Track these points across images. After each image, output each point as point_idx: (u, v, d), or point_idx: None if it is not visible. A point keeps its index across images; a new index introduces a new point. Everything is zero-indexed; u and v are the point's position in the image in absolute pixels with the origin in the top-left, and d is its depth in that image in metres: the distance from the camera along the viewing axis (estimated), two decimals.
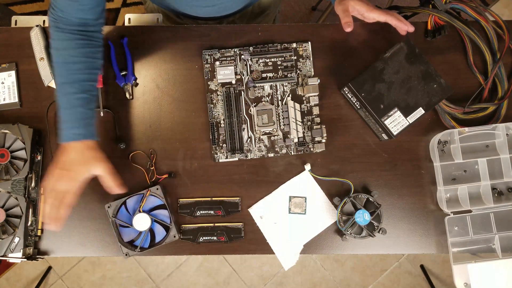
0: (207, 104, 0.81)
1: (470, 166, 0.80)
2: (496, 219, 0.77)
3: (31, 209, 0.75)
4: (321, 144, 0.78)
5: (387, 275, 1.72)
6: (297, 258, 0.79)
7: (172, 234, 0.76)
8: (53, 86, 0.81)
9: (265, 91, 0.81)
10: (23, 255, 0.74)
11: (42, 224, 0.77)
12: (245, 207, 0.80)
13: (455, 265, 0.75)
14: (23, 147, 0.75)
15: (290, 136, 0.80)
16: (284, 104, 0.80)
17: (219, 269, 1.72)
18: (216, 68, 0.81)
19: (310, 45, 0.82)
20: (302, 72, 0.81)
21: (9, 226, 0.71)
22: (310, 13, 1.79)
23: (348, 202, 0.76)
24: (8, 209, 0.73)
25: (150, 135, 0.81)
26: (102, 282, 1.72)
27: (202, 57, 0.81)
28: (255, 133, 0.80)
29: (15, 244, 0.70)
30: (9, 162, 0.73)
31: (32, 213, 0.76)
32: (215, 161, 0.80)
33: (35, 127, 0.78)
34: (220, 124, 0.80)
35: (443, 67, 0.81)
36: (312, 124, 0.80)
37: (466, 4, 0.77)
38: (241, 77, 0.81)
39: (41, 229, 0.77)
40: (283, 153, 0.80)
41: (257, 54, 0.81)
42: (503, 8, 1.80)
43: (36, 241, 0.77)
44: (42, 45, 0.81)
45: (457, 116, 0.79)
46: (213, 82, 0.81)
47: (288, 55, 0.81)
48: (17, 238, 0.70)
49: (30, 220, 0.75)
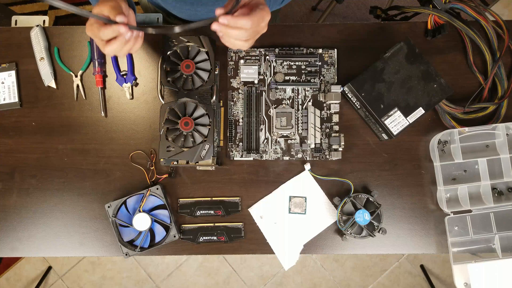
0: (228, 101, 0.81)
1: (470, 166, 0.80)
2: (496, 219, 0.77)
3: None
4: (337, 152, 0.77)
5: (387, 275, 1.72)
6: (297, 258, 0.79)
7: (172, 234, 0.76)
8: (53, 86, 0.81)
9: (287, 93, 0.81)
10: (212, 163, 0.74)
11: (222, 135, 0.79)
12: (245, 207, 0.80)
13: (455, 265, 0.75)
14: (206, 58, 0.73)
15: (307, 141, 0.79)
16: (304, 109, 0.80)
17: (219, 269, 1.72)
18: (240, 67, 0.81)
19: (336, 52, 0.81)
20: (325, 78, 0.81)
21: (198, 134, 0.71)
22: (310, 13, 1.79)
23: (348, 202, 0.76)
24: (196, 118, 0.72)
25: (150, 135, 0.81)
26: (102, 282, 1.72)
27: (227, 54, 0.82)
28: (272, 134, 0.80)
29: (205, 151, 0.70)
30: (194, 73, 0.72)
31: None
32: (230, 159, 0.80)
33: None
34: (239, 123, 0.80)
35: (443, 67, 0.81)
36: (331, 131, 0.80)
37: (466, 4, 0.77)
38: (264, 78, 0.81)
39: (222, 140, 0.79)
40: (298, 158, 0.80)
41: (282, 56, 0.81)
42: (503, 8, 1.80)
43: (218, 151, 0.79)
44: (42, 45, 0.81)
45: (457, 116, 0.79)
46: (236, 80, 0.81)
47: (313, 60, 0.81)
48: (207, 145, 0.70)
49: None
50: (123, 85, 0.81)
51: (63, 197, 0.80)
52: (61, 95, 0.82)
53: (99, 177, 0.81)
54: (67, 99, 0.82)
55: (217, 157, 0.77)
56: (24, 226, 0.80)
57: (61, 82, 0.82)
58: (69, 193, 0.80)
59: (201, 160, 0.71)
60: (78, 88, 0.82)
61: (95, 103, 0.82)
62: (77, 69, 0.82)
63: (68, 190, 0.80)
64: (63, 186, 0.81)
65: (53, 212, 0.80)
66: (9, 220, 0.80)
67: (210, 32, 0.81)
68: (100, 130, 0.81)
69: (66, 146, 0.81)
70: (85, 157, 0.81)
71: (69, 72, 0.82)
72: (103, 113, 0.81)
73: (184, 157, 0.71)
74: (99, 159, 0.81)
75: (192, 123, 0.70)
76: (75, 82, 0.82)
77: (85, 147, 0.81)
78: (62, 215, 0.80)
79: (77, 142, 0.81)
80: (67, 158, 0.81)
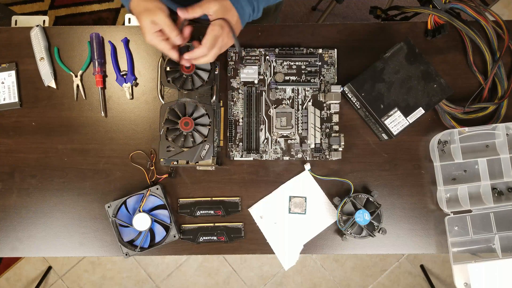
0: (228, 101, 0.81)
1: (470, 166, 0.79)
2: (496, 219, 0.77)
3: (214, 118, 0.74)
4: (337, 152, 0.77)
5: (387, 275, 1.72)
6: (297, 258, 0.79)
7: (172, 234, 0.76)
8: (53, 86, 0.81)
9: (287, 93, 0.81)
10: (212, 163, 0.74)
11: (222, 135, 0.79)
12: (245, 207, 0.80)
13: (455, 265, 0.75)
14: None
15: (307, 141, 0.79)
16: (304, 109, 0.80)
17: (219, 269, 1.72)
18: (240, 66, 0.81)
19: (336, 52, 0.81)
20: (325, 78, 0.81)
21: (198, 134, 0.71)
22: (310, 13, 1.79)
23: (348, 202, 0.76)
24: (196, 118, 0.72)
25: (150, 135, 0.81)
26: (102, 282, 1.72)
27: (227, 54, 0.82)
28: (272, 134, 0.80)
29: (205, 151, 0.70)
30: (194, 73, 0.72)
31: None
32: (230, 159, 0.80)
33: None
34: (239, 123, 0.80)
35: (443, 67, 0.81)
36: (331, 131, 0.80)
37: (466, 4, 0.77)
38: (264, 78, 0.81)
39: (222, 140, 0.79)
40: (298, 158, 0.80)
41: (282, 56, 0.81)
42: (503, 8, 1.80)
43: (218, 151, 0.79)
44: (42, 45, 0.81)
45: (457, 116, 0.79)
46: (236, 80, 0.81)
47: (313, 60, 0.81)
48: (207, 145, 0.70)
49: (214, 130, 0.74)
50: (123, 85, 0.81)
51: (63, 197, 0.80)
52: (61, 95, 0.82)
53: (99, 177, 0.81)
54: (67, 99, 0.82)
55: (217, 157, 0.77)
56: (24, 226, 0.80)
57: (61, 82, 0.82)
58: (69, 193, 0.80)
59: (201, 160, 0.71)
60: (78, 88, 0.82)
61: (95, 103, 0.82)
62: (77, 69, 0.82)
63: (68, 190, 0.80)
64: (63, 186, 0.81)
65: (53, 212, 0.80)
66: (9, 220, 0.80)
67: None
68: (100, 130, 0.81)
69: (66, 146, 0.81)
70: (85, 157, 0.81)
71: (69, 72, 0.82)
72: (103, 113, 0.81)
73: (184, 157, 0.71)
74: (99, 159, 0.81)
75: (192, 123, 0.70)
76: (75, 82, 0.82)
77: (85, 147, 0.81)
78: (62, 215, 0.80)
79: (77, 142, 0.81)
80: (67, 158, 0.81)
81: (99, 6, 1.79)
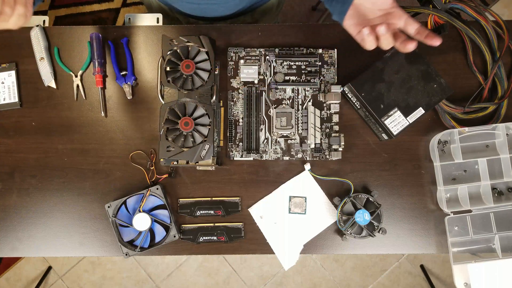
0: (228, 101, 0.81)
1: (470, 166, 0.80)
2: (496, 219, 0.77)
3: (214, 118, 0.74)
4: (337, 152, 0.77)
5: (387, 275, 1.72)
6: (297, 258, 0.79)
7: (172, 234, 0.76)
8: (53, 86, 0.81)
9: (287, 93, 0.81)
10: (212, 163, 0.74)
11: (222, 135, 0.80)
12: (245, 207, 0.80)
13: (455, 265, 0.75)
14: (206, 58, 0.73)
15: (307, 141, 0.79)
16: (304, 109, 0.80)
17: (219, 269, 1.72)
18: (240, 67, 0.81)
19: (336, 52, 0.81)
20: (325, 78, 0.81)
21: (198, 134, 0.71)
22: (310, 13, 1.79)
23: (348, 202, 0.76)
24: (196, 118, 0.72)
25: (150, 135, 0.81)
26: (102, 282, 1.72)
27: (227, 54, 0.82)
28: (272, 134, 0.80)
29: (205, 151, 0.70)
30: (194, 73, 0.72)
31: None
32: (230, 159, 0.80)
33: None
34: (239, 123, 0.80)
35: (443, 67, 0.81)
36: (331, 131, 0.80)
37: (466, 4, 0.77)
38: (264, 78, 0.81)
39: (222, 140, 0.79)
40: (298, 158, 0.80)
41: (282, 56, 0.81)
42: (503, 8, 1.80)
43: (218, 151, 0.79)
44: (42, 45, 0.81)
45: (457, 116, 0.79)
46: (236, 80, 0.81)
47: (313, 60, 0.81)
48: (207, 145, 0.70)
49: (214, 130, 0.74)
50: (123, 85, 0.81)
51: (63, 197, 0.80)
52: (61, 95, 0.82)
53: (99, 177, 0.81)
54: (67, 99, 0.82)
55: (217, 157, 0.77)
56: (24, 226, 0.80)
57: (61, 82, 0.82)
58: (69, 193, 0.80)
59: (201, 160, 0.71)
60: (78, 88, 0.82)
61: (95, 103, 0.82)
62: (77, 69, 0.82)
63: (68, 190, 0.80)
64: (63, 186, 0.81)
65: (53, 212, 0.80)
66: (9, 220, 0.80)
67: (210, 32, 0.82)
68: (100, 130, 0.81)
69: (66, 146, 0.81)
70: (85, 157, 0.81)
71: (69, 72, 0.82)
72: (103, 113, 0.81)
73: (184, 157, 0.71)
74: (99, 159, 0.81)
75: (192, 123, 0.70)
76: (75, 82, 0.82)
77: (85, 147, 0.81)
78: (62, 215, 0.80)
79: (77, 142, 0.81)
80: (67, 158, 0.81)
81: (99, 6, 1.79)
